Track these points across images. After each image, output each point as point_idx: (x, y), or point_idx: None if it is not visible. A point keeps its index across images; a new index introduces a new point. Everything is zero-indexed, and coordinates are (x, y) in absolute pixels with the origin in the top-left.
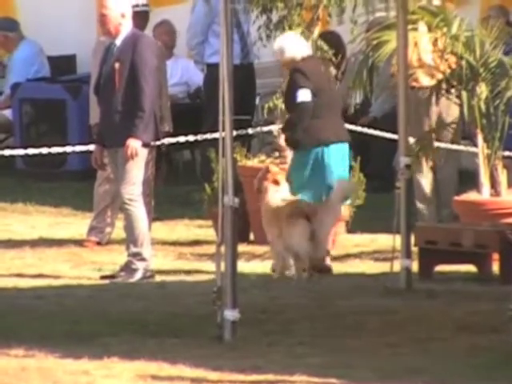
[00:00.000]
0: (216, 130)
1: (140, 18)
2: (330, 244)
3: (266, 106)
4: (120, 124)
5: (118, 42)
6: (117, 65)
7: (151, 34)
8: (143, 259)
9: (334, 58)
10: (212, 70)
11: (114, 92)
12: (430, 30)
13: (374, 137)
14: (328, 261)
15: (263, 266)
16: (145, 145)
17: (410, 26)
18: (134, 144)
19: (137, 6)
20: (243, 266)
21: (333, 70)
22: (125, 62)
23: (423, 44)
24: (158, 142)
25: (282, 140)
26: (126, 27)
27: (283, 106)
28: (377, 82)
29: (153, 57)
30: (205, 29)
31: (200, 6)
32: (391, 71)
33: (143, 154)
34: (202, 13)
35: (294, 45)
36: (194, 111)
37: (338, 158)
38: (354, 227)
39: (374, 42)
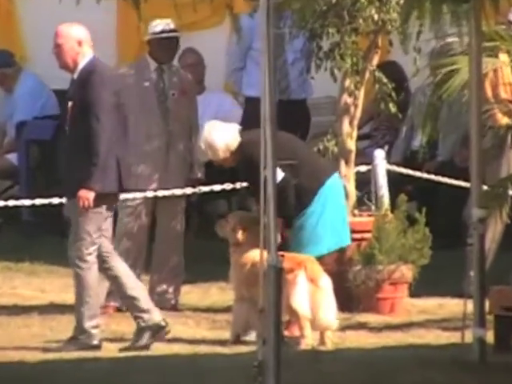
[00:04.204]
0: None
1: (168, 45)
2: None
3: (316, 148)
4: (73, 172)
5: (76, 75)
6: (70, 104)
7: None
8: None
9: (393, 93)
10: (252, 105)
11: (67, 136)
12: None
13: (441, 184)
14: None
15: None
16: (101, 195)
17: (484, 54)
18: (84, 195)
19: (162, 32)
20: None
21: (392, 108)
22: (77, 101)
23: (504, 75)
24: (188, 191)
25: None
26: (85, 57)
27: (336, 150)
28: (445, 120)
29: (106, 92)
30: (242, 55)
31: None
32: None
33: (100, 205)
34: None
35: (226, 131)
36: None
37: (333, 196)
38: (418, 290)
39: (443, 71)
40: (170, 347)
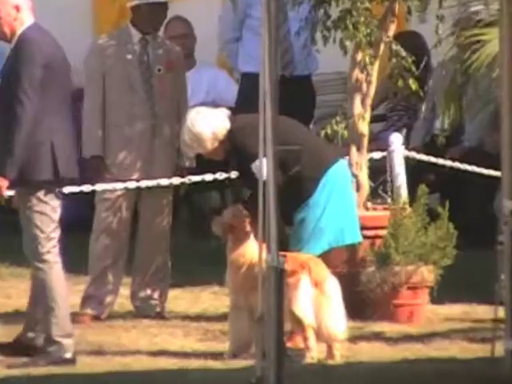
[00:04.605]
0: None
1: (156, 11)
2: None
3: (323, 132)
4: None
5: (12, 45)
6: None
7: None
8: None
9: (414, 68)
10: (249, 83)
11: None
12: None
13: (468, 173)
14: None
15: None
16: (33, 182)
17: None
18: None
19: None
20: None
21: (413, 84)
22: (4, 75)
23: None
24: (175, 181)
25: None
26: (25, 24)
27: (346, 134)
28: (472, 100)
29: (33, 65)
30: (237, 24)
31: None
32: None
33: (34, 194)
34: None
35: (212, 117)
36: None
37: (338, 184)
38: (441, 295)
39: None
40: (155, 361)
